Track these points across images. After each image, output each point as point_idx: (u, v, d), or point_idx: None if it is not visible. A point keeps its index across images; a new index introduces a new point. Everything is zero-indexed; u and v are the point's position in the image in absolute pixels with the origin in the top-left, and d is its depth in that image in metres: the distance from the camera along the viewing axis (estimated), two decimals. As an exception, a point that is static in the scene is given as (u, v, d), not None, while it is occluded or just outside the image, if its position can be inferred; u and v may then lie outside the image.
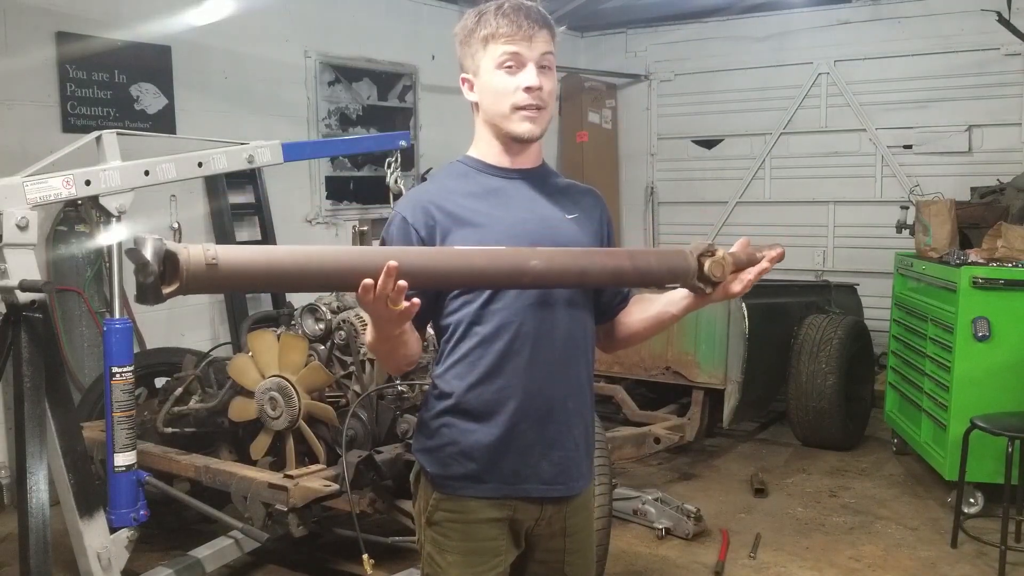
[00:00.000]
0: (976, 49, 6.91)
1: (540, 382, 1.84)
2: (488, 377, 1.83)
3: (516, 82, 1.82)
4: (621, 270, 1.76)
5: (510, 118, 1.84)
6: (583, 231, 1.92)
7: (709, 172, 8.35)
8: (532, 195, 1.90)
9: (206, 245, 1.43)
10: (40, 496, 2.89)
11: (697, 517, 4.28)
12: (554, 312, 1.84)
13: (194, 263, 1.39)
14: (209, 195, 5.80)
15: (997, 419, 4.03)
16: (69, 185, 3.07)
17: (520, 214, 1.86)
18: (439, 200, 1.85)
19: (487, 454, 1.84)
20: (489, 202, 1.86)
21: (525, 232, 1.82)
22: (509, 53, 1.81)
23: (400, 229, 1.83)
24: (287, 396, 3.58)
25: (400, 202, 1.92)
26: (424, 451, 1.91)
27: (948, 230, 4.91)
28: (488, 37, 1.83)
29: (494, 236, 1.79)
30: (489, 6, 1.85)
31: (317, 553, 3.99)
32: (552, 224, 1.88)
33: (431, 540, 1.91)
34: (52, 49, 4.92)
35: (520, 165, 1.92)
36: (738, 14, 7.90)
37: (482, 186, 1.89)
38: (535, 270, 1.64)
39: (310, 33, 6.41)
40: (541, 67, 1.84)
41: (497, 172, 1.91)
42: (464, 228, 1.81)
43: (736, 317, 5.04)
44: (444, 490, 1.88)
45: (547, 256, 1.67)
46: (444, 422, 1.87)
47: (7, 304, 2.97)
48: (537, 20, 1.83)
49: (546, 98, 1.85)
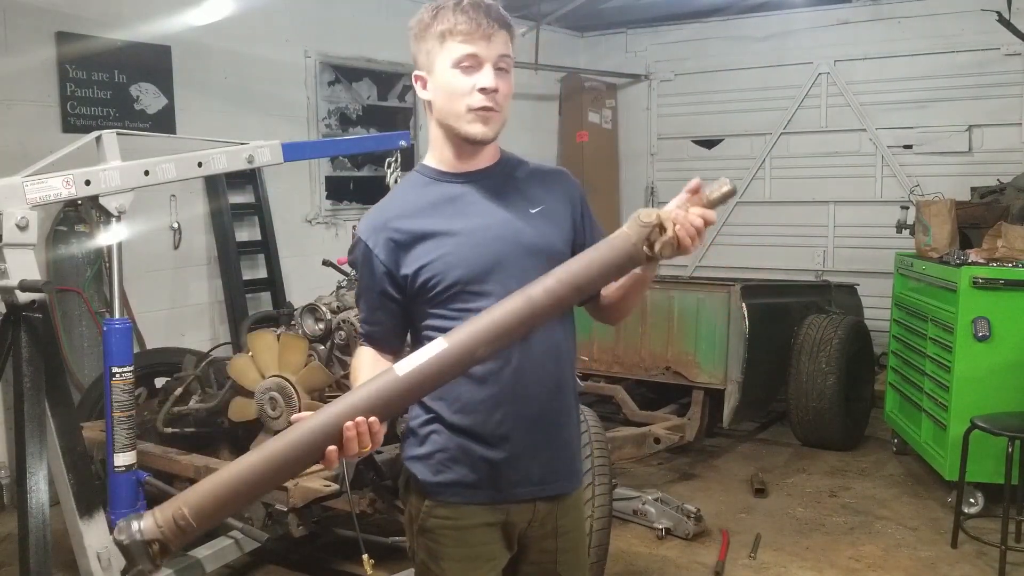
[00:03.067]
0: (976, 49, 6.91)
1: (525, 386, 1.83)
2: (470, 392, 1.81)
3: (472, 82, 1.77)
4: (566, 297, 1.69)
5: (463, 118, 1.79)
6: (550, 223, 1.87)
7: (709, 172, 8.32)
8: (492, 196, 1.86)
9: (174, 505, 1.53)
10: (40, 496, 2.88)
11: (697, 517, 4.28)
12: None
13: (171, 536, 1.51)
14: (209, 195, 5.80)
15: (997, 419, 4.03)
16: (69, 185, 3.07)
17: (480, 221, 1.82)
18: (398, 217, 1.83)
19: (477, 461, 1.83)
20: (448, 212, 1.83)
21: (485, 239, 1.80)
22: (466, 53, 1.76)
23: (364, 257, 1.85)
24: (287, 396, 3.58)
25: (362, 223, 1.89)
26: (414, 459, 1.89)
27: (948, 230, 4.91)
28: (445, 33, 1.77)
29: (455, 246, 1.78)
30: (447, 1, 1.79)
31: (317, 553, 3.99)
32: (515, 226, 1.83)
33: (424, 548, 1.90)
34: (52, 49, 4.92)
35: (476, 166, 1.88)
36: (738, 14, 7.90)
37: (441, 195, 1.85)
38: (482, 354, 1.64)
39: (310, 33, 6.41)
40: (498, 68, 1.78)
41: (453, 179, 1.87)
42: (425, 242, 1.80)
43: (736, 317, 5.04)
44: (436, 497, 1.86)
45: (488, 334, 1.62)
46: (433, 429, 1.85)
47: (7, 304, 2.97)
48: (497, 19, 1.78)
49: (501, 100, 1.80)
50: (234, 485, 1.55)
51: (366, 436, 1.58)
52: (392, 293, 1.85)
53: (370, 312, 1.91)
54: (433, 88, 1.83)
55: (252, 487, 1.56)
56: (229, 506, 1.57)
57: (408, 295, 1.84)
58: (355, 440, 1.57)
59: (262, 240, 6.12)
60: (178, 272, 5.68)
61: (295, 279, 6.20)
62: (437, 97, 1.82)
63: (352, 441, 1.57)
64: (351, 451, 1.59)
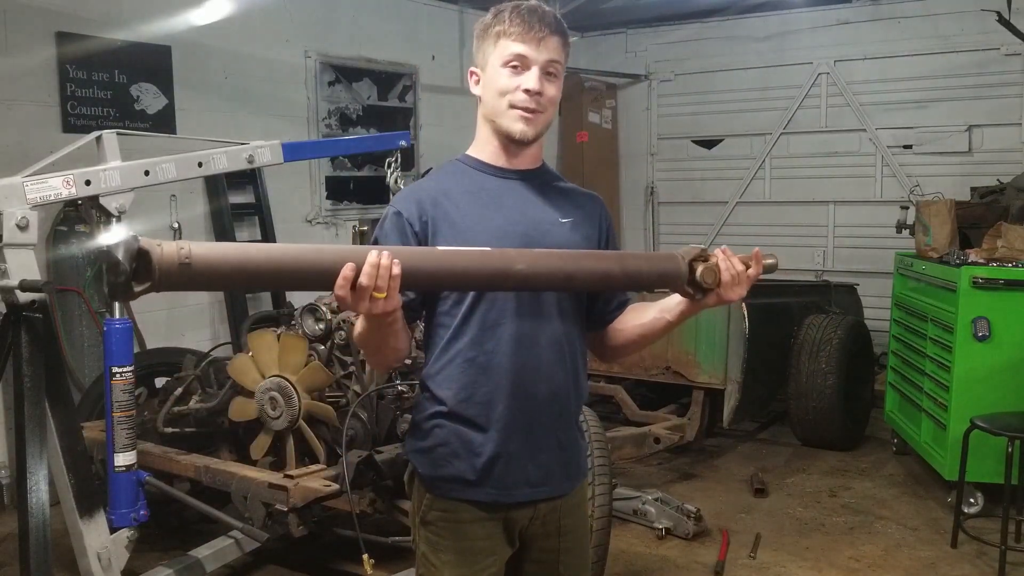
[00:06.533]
0: (976, 49, 6.91)
1: (526, 386, 1.84)
2: (475, 381, 1.83)
3: (518, 82, 1.83)
4: (609, 274, 1.75)
5: (507, 115, 1.85)
6: (577, 235, 1.91)
7: (709, 172, 8.35)
8: (527, 197, 1.91)
9: (181, 243, 1.42)
10: (40, 496, 2.89)
11: (697, 517, 4.28)
12: (541, 318, 1.85)
13: (167, 261, 1.38)
14: (209, 195, 5.80)
15: (997, 419, 4.03)
16: (69, 185, 3.07)
17: (511, 216, 1.86)
18: (434, 196, 1.86)
19: (477, 459, 1.85)
20: (481, 202, 1.87)
21: (513, 234, 1.83)
22: (515, 53, 1.83)
23: (394, 223, 1.84)
24: (287, 396, 3.58)
25: (395, 198, 1.93)
26: (416, 452, 1.93)
27: (948, 230, 4.91)
28: (500, 33, 1.85)
29: (481, 237, 1.80)
30: (509, 5, 1.88)
31: (317, 553, 3.99)
32: (543, 228, 1.88)
33: (425, 540, 1.92)
34: (52, 49, 4.92)
35: (517, 166, 1.92)
36: (738, 14, 7.90)
37: (477, 185, 1.90)
38: (520, 273, 1.63)
39: (310, 33, 6.42)
40: (547, 73, 1.85)
41: (494, 172, 1.92)
42: (453, 227, 1.83)
43: (736, 317, 5.04)
44: (436, 491, 1.89)
45: (532, 259, 1.66)
46: (436, 423, 1.88)
47: (7, 304, 2.97)
48: (550, 25, 1.84)
49: (545, 103, 1.86)
50: (247, 255, 1.48)
51: (385, 276, 1.49)
52: None
53: None
54: (483, 84, 1.90)
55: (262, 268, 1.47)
56: (232, 275, 1.48)
57: None
58: (374, 273, 1.48)
59: (262, 240, 6.11)
60: (178, 272, 5.67)
61: (295, 279, 6.19)
62: (485, 93, 1.89)
63: (371, 272, 1.48)
64: (365, 286, 1.49)
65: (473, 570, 1.88)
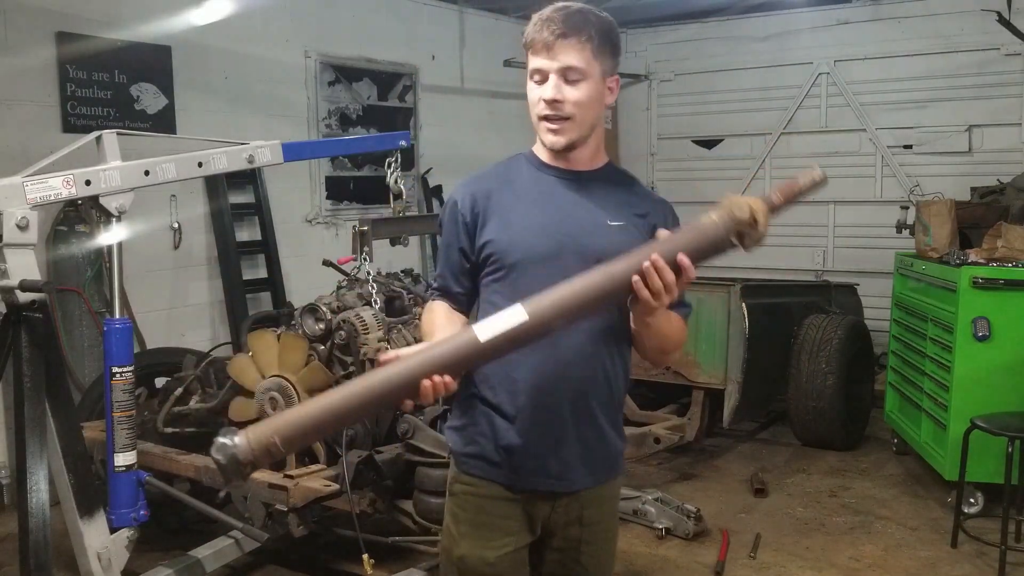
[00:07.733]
0: (976, 49, 6.91)
1: (549, 383, 1.88)
2: (503, 372, 1.88)
3: (539, 93, 1.88)
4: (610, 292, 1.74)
5: (538, 127, 1.92)
6: (624, 240, 1.86)
7: (709, 172, 8.34)
8: (575, 198, 1.93)
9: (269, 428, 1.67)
10: (40, 496, 2.89)
11: (697, 517, 4.28)
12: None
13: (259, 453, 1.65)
14: (209, 195, 5.80)
15: (997, 419, 4.03)
16: (69, 185, 3.07)
17: (555, 215, 1.90)
18: (488, 190, 1.95)
19: (500, 444, 1.91)
20: (531, 198, 1.92)
21: (556, 233, 1.88)
22: (534, 67, 1.88)
23: (451, 213, 1.98)
24: (287, 396, 3.58)
25: (459, 184, 2.02)
26: (450, 428, 2.03)
27: (948, 230, 4.91)
28: (526, 45, 1.90)
29: (523, 235, 1.87)
30: (543, 11, 1.89)
31: (317, 553, 3.99)
32: (588, 229, 1.89)
33: (449, 511, 2.02)
34: (52, 49, 4.92)
35: (573, 167, 1.96)
36: (738, 14, 7.90)
37: (533, 180, 1.95)
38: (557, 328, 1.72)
39: (310, 33, 6.41)
40: (569, 80, 1.85)
41: (549, 171, 1.96)
42: (500, 221, 1.91)
43: (736, 317, 5.04)
44: (461, 467, 1.98)
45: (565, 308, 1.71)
46: (470, 404, 1.95)
47: (7, 304, 2.97)
48: (565, 31, 1.83)
49: (569, 110, 1.87)
50: (318, 416, 1.70)
51: (440, 390, 1.69)
52: (468, 253, 1.97)
53: (447, 267, 2.02)
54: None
55: (333, 420, 1.73)
56: (311, 435, 1.82)
57: (474, 262, 1.96)
58: (430, 394, 1.69)
59: (262, 240, 6.12)
60: (178, 272, 5.69)
61: (295, 279, 6.20)
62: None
63: (427, 393, 1.68)
64: (424, 401, 1.72)
65: (488, 545, 1.93)
